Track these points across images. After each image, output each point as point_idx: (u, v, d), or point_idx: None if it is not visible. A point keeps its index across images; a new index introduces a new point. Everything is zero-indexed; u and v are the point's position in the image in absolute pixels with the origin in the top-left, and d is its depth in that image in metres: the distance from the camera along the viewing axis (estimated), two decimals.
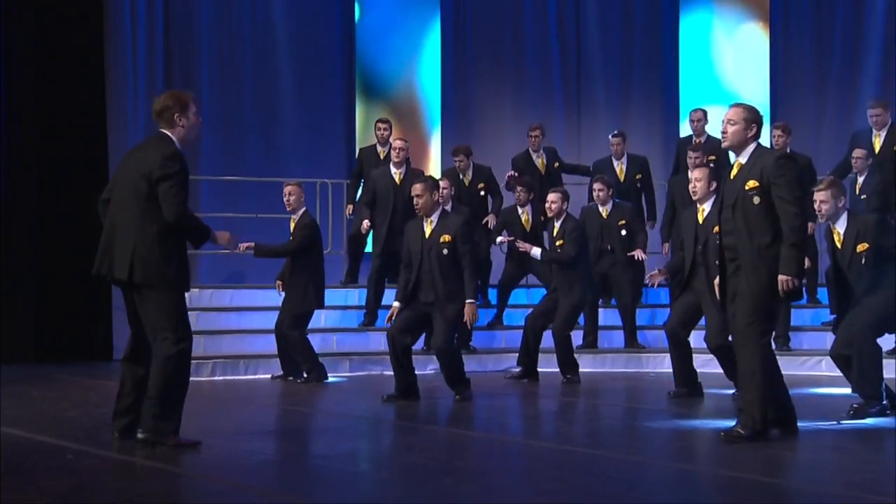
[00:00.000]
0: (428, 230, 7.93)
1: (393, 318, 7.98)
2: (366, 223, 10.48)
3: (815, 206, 7.10)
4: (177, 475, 5.20)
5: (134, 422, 5.72)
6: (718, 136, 10.06)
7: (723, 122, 6.06)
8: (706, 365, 8.40)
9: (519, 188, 10.48)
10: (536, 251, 9.32)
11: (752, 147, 5.98)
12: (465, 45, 13.25)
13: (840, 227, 7.03)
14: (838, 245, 7.04)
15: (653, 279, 8.72)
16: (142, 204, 5.55)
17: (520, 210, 10.42)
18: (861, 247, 6.92)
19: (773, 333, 7.02)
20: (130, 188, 5.61)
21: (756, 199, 5.83)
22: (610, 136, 11.23)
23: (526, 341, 9.48)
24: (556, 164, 11.35)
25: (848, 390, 7.16)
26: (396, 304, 8.05)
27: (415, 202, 8.07)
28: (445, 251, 7.82)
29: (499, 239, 10.27)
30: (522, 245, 9.45)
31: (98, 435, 6.04)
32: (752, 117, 5.98)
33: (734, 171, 6.02)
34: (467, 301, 7.80)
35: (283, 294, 9.45)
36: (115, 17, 11.86)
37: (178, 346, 5.60)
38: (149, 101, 11.76)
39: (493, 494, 4.83)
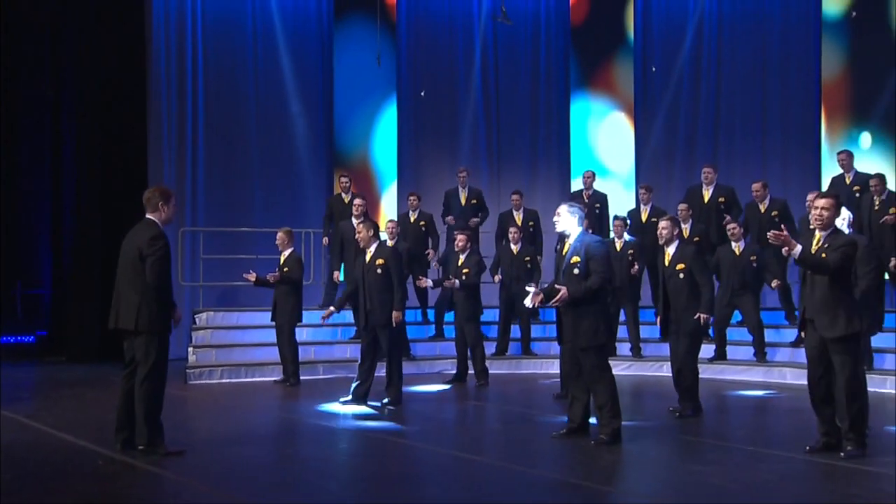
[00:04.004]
0: (367, 257, 7.95)
1: (326, 318, 8.18)
2: (336, 275, 10.53)
3: (658, 232, 7.33)
4: (178, 483, 5.18)
5: (130, 436, 5.81)
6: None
7: (556, 214, 6.28)
8: None
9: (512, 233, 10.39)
10: None
11: (577, 231, 6.21)
12: (414, 122, 13.23)
13: (670, 250, 7.23)
14: (666, 263, 7.23)
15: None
16: (138, 275, 5.73)
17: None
18: (679, 266, 7.13)
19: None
20: (129, 262, 5.79)
21: (576, 271, 6.08)
22: (511, 194, 11.27)
23: (459, 353, 9.50)
24: (475, 201, 11.35)
25: None
26: (331, 308, 8.24)
27: (357, 236, 8.14)
28: (380, 271, 7.83)
29: (447, 283, 9.71)
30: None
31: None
32: (574, 210, 6.24)
33: (566, 248, 6.23)
34: (394, 310, 7.83)
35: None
36: (155, 113, 12.03)
37: (155, 382, 5.76)
38: (178, 165, 12.18)
39: (395, 497, 4.88)
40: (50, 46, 12.10)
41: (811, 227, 5.82)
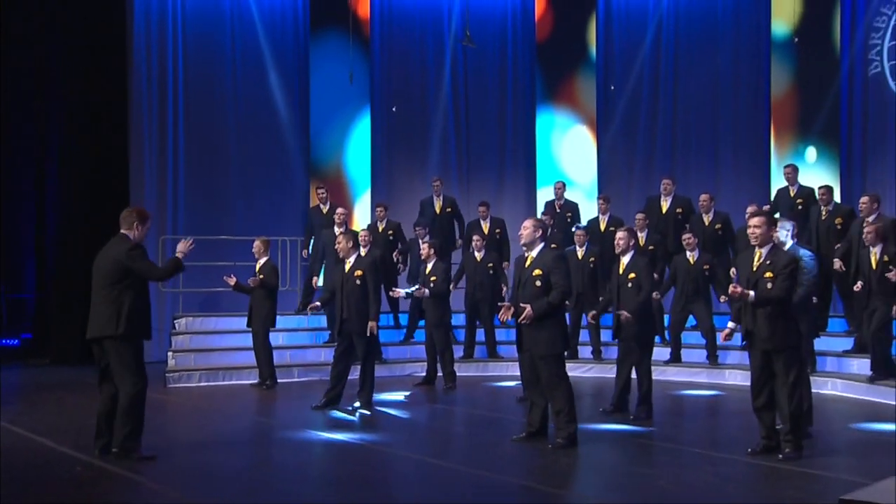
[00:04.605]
0: (347, 267, 7.98)
1: (314, 310, 8.19)
2: (315, 279, 10.49)
3: (615, 242, 7.47)
4: (154, 490, 5.18)
5: (109, 442, 5.81)
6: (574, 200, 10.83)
7: (522, 227, 6.35)
8: None
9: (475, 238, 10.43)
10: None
11: (540, 246, 6.28)
12: (387, 134, 13.24)
13: (625, 260, 7.37)
14: (620, 272, 7.38)
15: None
16: (114, 285, 5.73)
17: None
18: (631, 275, 7.29)
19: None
20: (102, 275, 5.78)
21: (538, 283, 6.15)
22: (478, 206, 11.30)
23: (429, 357, 9.55)
24: (449, 209, 11.34)
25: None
26: (318, 303, 8.32)
27: (336, 246, 8.18)
28: (358, 282, 7.86)
29: (416, 293, 9.53)
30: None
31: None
32: (539, 225, 6.32)
33: (528, 262, 6.29)
34: (370, 321, 7.83)
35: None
36: (137, 122, 12.05)
37: (138, 387, 5.74)
38: (160, 174, 12.17)
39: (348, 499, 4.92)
40: (35, 56, 12.04)
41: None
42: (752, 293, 5.63)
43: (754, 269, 5.77)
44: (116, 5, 12.06)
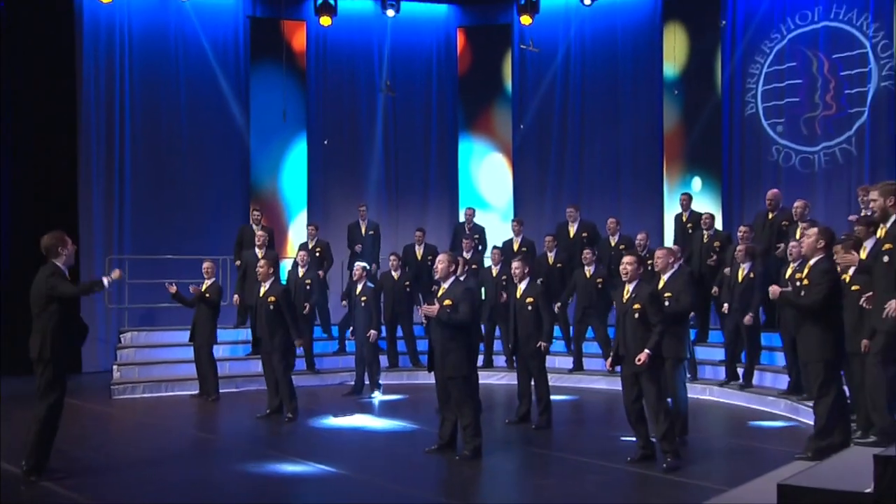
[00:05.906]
0: (262, 291, 8.17)
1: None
2: (236, 298, 10.60)
3: (512, 271, 7.72)
4: None
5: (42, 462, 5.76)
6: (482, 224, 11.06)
7: (438, 261, 6.58)
8: None
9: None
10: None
11: (452, 278, 6.52)
12: (322, 160, 13.36)
13: (522, 286, 7.62)
14: (517, 296, 7.62)
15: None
16: (41, 313, 5.75)
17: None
18: (528, 299, 7.54)
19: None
20: (34, 302, 5.81)
21: (448, 310, 6.36)
22: (416, 231, 11.58)
23: (358, 368, 9.67)
24: (372, 232, 11.55)
25: None
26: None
27: (258, 270, 8.29)
28: (272, 307, 8.03)
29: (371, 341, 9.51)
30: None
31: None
32: (452, 261, 6.56)
33: (441, 292, 6.51)
34: (299, 339, 8.06)
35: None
36: (85, 144, 11.95)
37: (51, 409, 5.68)
38: (107, 197, 12.06)
39: None
40: None
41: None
42: (647, 351, 5.98)
43: (624, 301, 6.19)
44: (65, 32, 11.93)
